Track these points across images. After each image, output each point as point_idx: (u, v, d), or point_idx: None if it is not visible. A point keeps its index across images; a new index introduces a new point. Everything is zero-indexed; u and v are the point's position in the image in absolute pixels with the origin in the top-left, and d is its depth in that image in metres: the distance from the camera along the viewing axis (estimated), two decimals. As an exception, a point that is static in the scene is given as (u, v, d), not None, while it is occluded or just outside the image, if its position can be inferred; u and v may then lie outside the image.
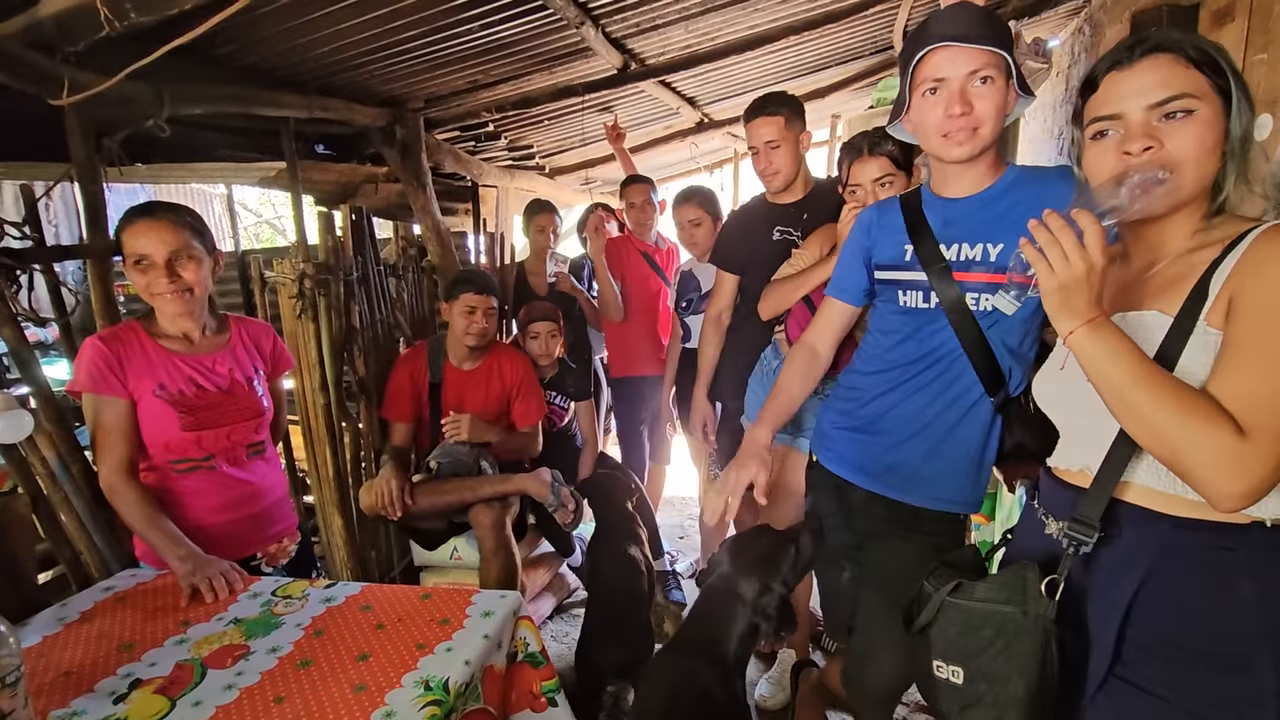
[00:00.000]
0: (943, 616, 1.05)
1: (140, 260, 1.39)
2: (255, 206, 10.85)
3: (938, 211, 1.28)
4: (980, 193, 1.24)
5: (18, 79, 1.35)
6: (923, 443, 1.33)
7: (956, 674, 1.01)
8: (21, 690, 0.92)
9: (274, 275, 2.26)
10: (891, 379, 1.35)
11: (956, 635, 1.02)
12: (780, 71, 3.72)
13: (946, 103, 1.14)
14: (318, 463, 2.39)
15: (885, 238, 1.35)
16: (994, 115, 1.14)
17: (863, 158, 1.66)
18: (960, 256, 1.24)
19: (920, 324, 1.30)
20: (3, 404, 1.29)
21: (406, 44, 2.23)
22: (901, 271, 1.31)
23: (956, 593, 1.04)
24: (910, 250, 1.29)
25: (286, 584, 1.42)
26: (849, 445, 1.44)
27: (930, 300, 1.27)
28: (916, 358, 1.31)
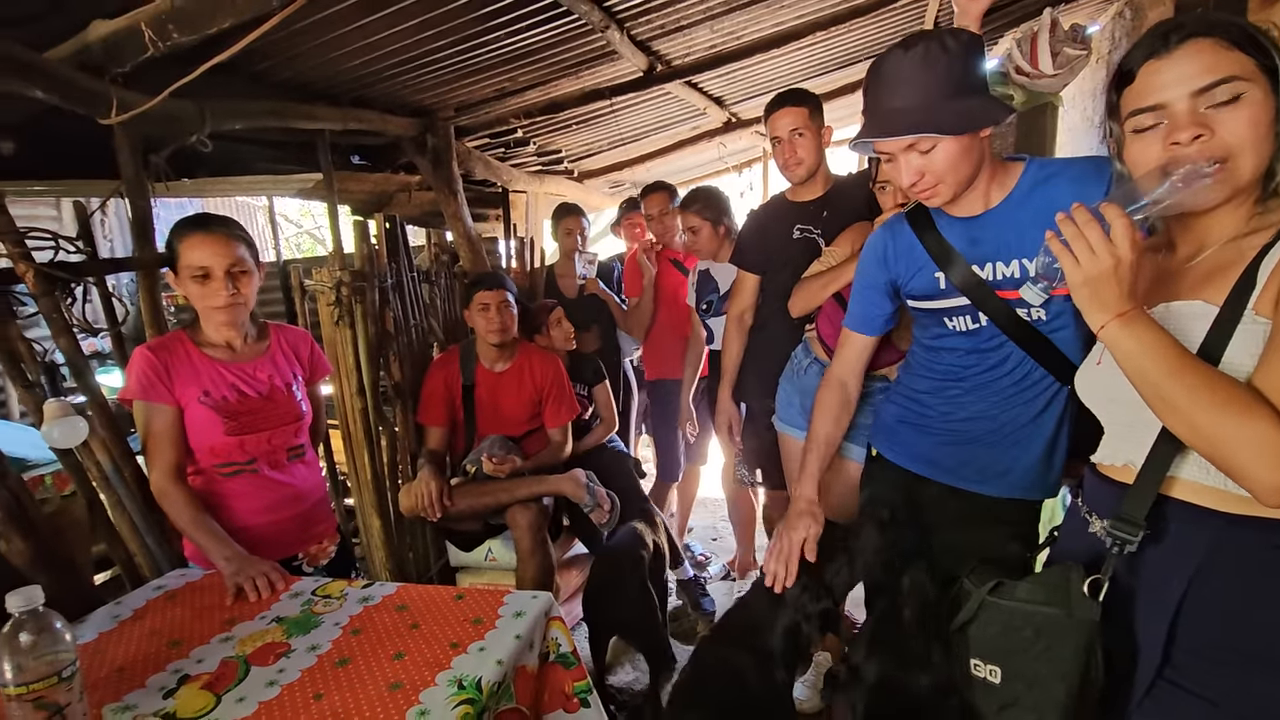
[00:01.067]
0: (982, 615, 1.03)
1: (201, 273, 1.44)
2: (296, 218, 11.17)
3: (958, 232, 1.25)
4: (999, 204, 1.21)
5: (70, 100, 1.42)
6: (1000, 438, 1.31)
7: (994, 674, 0.99)
8: (77, 684, 0.96)
9: (312, 284, 2.32)
10: (962, 389, 1.33)
11: (996, 635, 1.00)
12: (808, 68, 3.69)
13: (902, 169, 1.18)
14: (357, 466, 2.45)
15: (909, 267, 1.32)
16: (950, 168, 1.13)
17: None
18: (996, 275, 1.22)
19: (978, 342, 1.29)
20: (59, 411, 1.35)
21: (436, 54, 2.28)
22: (941, 300, 1.29)
23: (997, 592, 1.02)
24: (943, 277, 1.26)
25: (326, 584, 1.45)
26: (918, 439, 1.41)
27: (980, 319, 1.25)
28: (983, 370, 1.30)
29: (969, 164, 1.14)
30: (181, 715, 1.05)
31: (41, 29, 1.46)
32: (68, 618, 1.35)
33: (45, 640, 0.93)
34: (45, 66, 1.36)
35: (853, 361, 1.47)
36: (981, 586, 1.04)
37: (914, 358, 1.45)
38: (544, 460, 2.45)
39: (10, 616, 0.93)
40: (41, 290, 1.37)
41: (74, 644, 0.96)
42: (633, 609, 2.09)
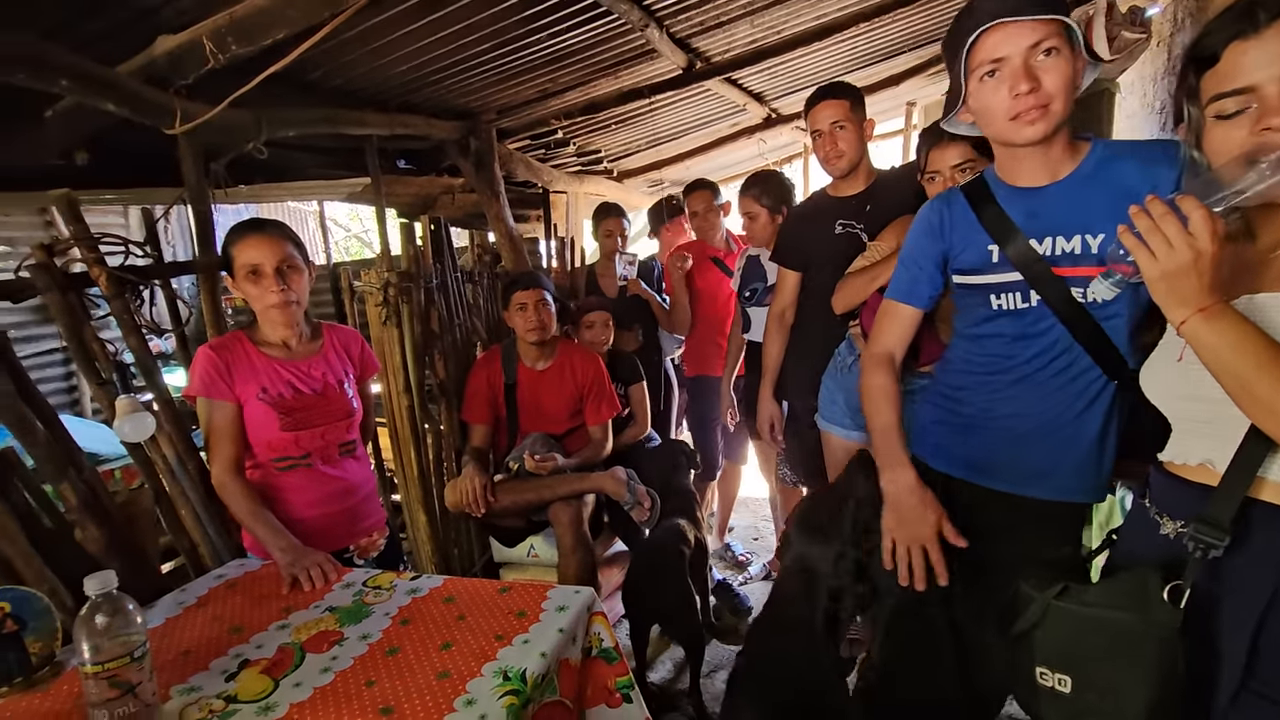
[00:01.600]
0: (1048, 621, 0.99)
1: (253, 270, 1.50)
2: (345, 221, 11.52)
3: (1018, 203, 1.18)
4: (1065, 178, 1.15)
5: (139, 112, 1.50)
6: (1044, 437, 1.24)
7: (1063, 682, 0.95)
8: (147, 665, 1.01)
9: (361, 285, 2.40)
10: (1004, 381, 1.27)
11: (1064, 641, 0.96)
12: (851, 60, 3.63)
13: (1010, 82, 1.06)
14: (403, 462, 2.51)
15: (963, 238, 1.25)
16: (1064, 89, 1.05)
17: (942, 143, 1.58)
18: (1056, 250, 1.15)
19: (1025, 325, 1.22)
20: (130, 407, 1.43)
21: (479, 57, 2.32)
22: (990, 274, 1.22)
23: (1063, 596, 0.98)
24: (996, 251, 1.20)
25: (376, 575, 1.49)
26: (957, 442, 1.35)
27: (1030, 299, 1.19)
28: (1029, 358, 1.23)
29: (1072, 95, 1.06)
30: (242, 698, 1.09)
31: (112, 46, 1.54)
32: (138, 603, 1.43)
33: (119, 622, 0.98)
34: (116, 81, 1.44)
35: (899, 336, 1.36)
36: (1044, 592, 1.01)
37: (953, 352, 1.39)
38: (585, 458, 2.47)
39: (87, 600, 0.98)
40: (113, 292, 1.45)
41: (144, 627, 1.01)
42: (672, 599, 2.10)
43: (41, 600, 1.19)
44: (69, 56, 1.36)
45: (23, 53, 1.28)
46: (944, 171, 1.59)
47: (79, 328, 1.40)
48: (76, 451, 1.40)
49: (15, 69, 1.29)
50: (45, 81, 1.34)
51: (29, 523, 1.32)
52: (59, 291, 1.37)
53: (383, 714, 1.02)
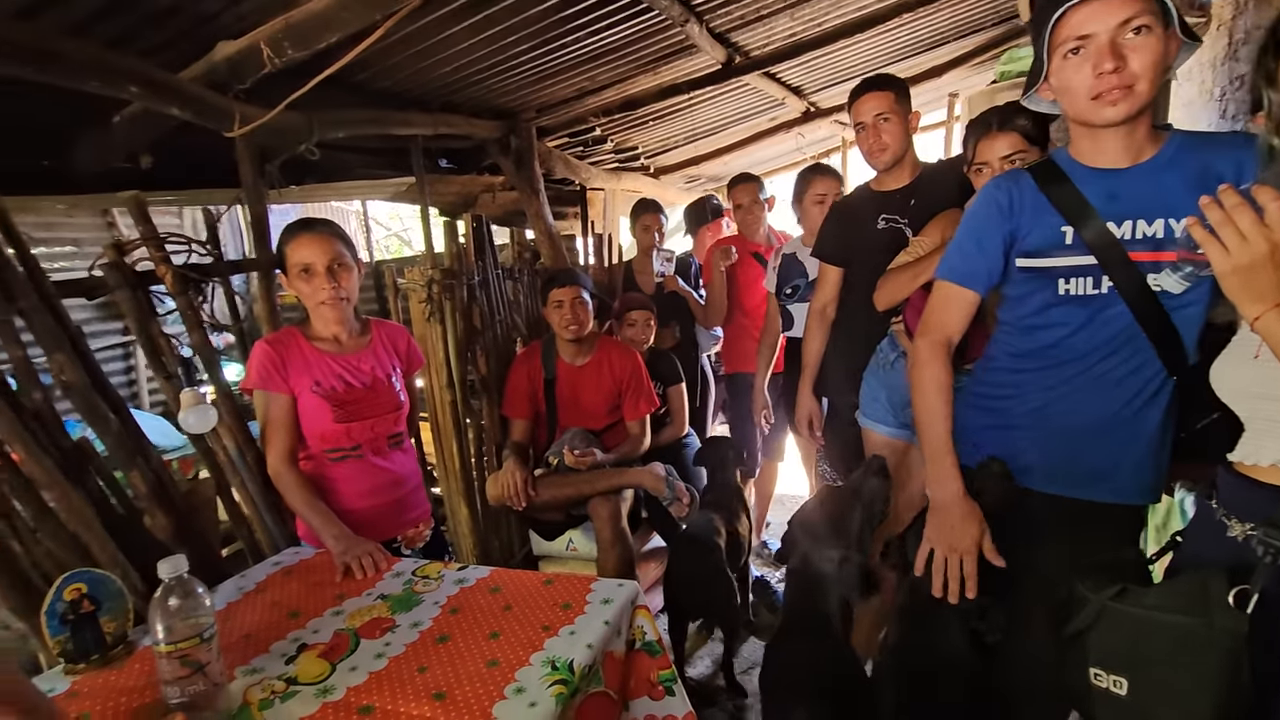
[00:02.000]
0: (1103, 623, 0.97)
1: (305, 269, 1.55)
2: (384, 220, 11.76)
3: (1096, 185, 1.13)
4: (1148, 160, 1.11)
5: (201, 116, 1.56)
6: (1101, 436, 1.20)
7: (1119, 684, 0.93)
8: (215, 645, 1.05)
9: (405, 282, 2.45)
10: (1060, 375, 1.22)
11: (1121, 644, 0.94)
12: (892, 51, 3.56)
13: (1094, 60, 1.02)
14: (444, 456, 2.56)
15: (1031, 219, 1.20)
16: (1151, 69, 1.01)
17: (990, 134, 1.54)
18: (1136, 234, 1.10)
19: (1092, 313, 1.16)
20: (194, 399, 1.49)
21: (520, 57, 2.35)
22: (1060, 257, 1.17)
23: (1121, 598, 0.96)
24: (1071, 232, 1.15)
25: (424, 565, 1.53)
26: (1005, 444, 1.29)
27: (1102, 285, 1.14)
28: (1089, 349, 1.18)
29: (1160, 75, 1.02)
30: (302, 680, 1.13)
31: (174, 53, 1.61)
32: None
33: (189, 604, 1.03)
34: (181, 87, 1.50)
35: (958, 322, 1.27)
36: (1101, 593, 0.99)
37: (997, 348, 1.33)
38: (624, 453, 2.48)
39: (158, 583, 1.03)
40: (178, 290, 1.51)
41: (212, 609, 1.06)
42: (709, 587, 2.13)
43: (115, 582, 1.26)
44: (137, 64, 1.43)
45: (95, 61, 1.35)
46: (993, 163, 1.55)
47: (147, 323, 1.47)
48: (145, 441, 1.47)
49: (88, 77, 1.35)
50: (115, 88, 1.41)
51: (102, 509, 1.39)
52: (129, 289, 1.43)
53: (436, 699, 1.05)
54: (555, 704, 1.03)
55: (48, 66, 1.29)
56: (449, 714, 1.01)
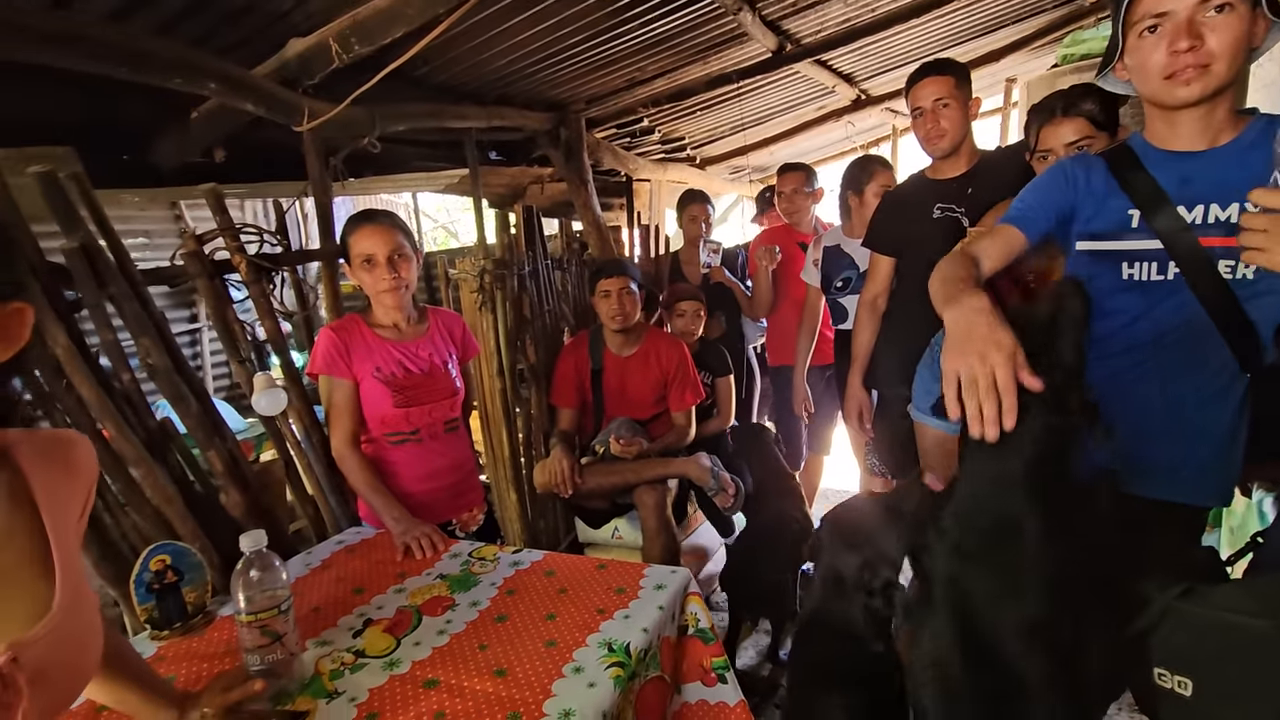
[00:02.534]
0: (1168, 622, 0.94)
1: (368, 259, 1.60)
2: (432, 212, 11.99)
3: (1170, 168, 1.10)
4: (1227, 144, 1.07)
5: (273, 111, 1.62)
6: (1166, 431, 1.16)
7: (1184, 685, 0.91)
8: (291, 617, 1.11)
9: (457, 272, 2.50)
10: (1121, 364, 1.19)
11: (1186, 644, 0.92)
12: (948, 36, 3.46)
13: (1171, 38, 0.99)
14: (493, 443, 2.62)
15: (1097, 202, 1.17)
16: (1231, 49, 0.97)
17: (1055, 119, 1.48)
18: (1209, 219, 1.07)
19: (1155, 300, 1.14)
20: (266, 382, 1.56)
21: (571, 48, 2.37)
22: (1125, 241, 1.14)
23: (1188, 598, 0.93)
24: (1138, 216, 1.12)
25: (480, 547, 1.58)
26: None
27: (1168, 271, 1.11)
28: (1152, 339, 1.15)
29: (1240, 56, 0.99)
30: (369, 653, 1.18)
31: (248, 51, 1.67)
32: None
33: (269, 577, 1.08)
34: (255, 83, 1.57)
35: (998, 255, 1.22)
36: (1166, 592, 0.96)
37: None
38: (670, 443, 2.49)
39: (240, 556, 1.09)
40: (251, 278, 1.58)
41: (289, 582, 1.11)
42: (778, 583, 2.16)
43: (196, 555, 1.33)
44: (217, 62, 1.49)
45: (180, 59, 1.42)
46: (1057, 150, 1.49)
47: (223, 309, 1.54)
48: (221, 423, 1.55)
49: (173, 74, 1.43)
50: (197, 85, 1.48)
51: (182, 486, 1.47)
52: (207, 277, 1.51)
53: (497, 675, 1.08)
54: (614, 685, 1.05)
55: (140, 66, 1.36)
56: (510, 690, 1.04)
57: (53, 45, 1.25)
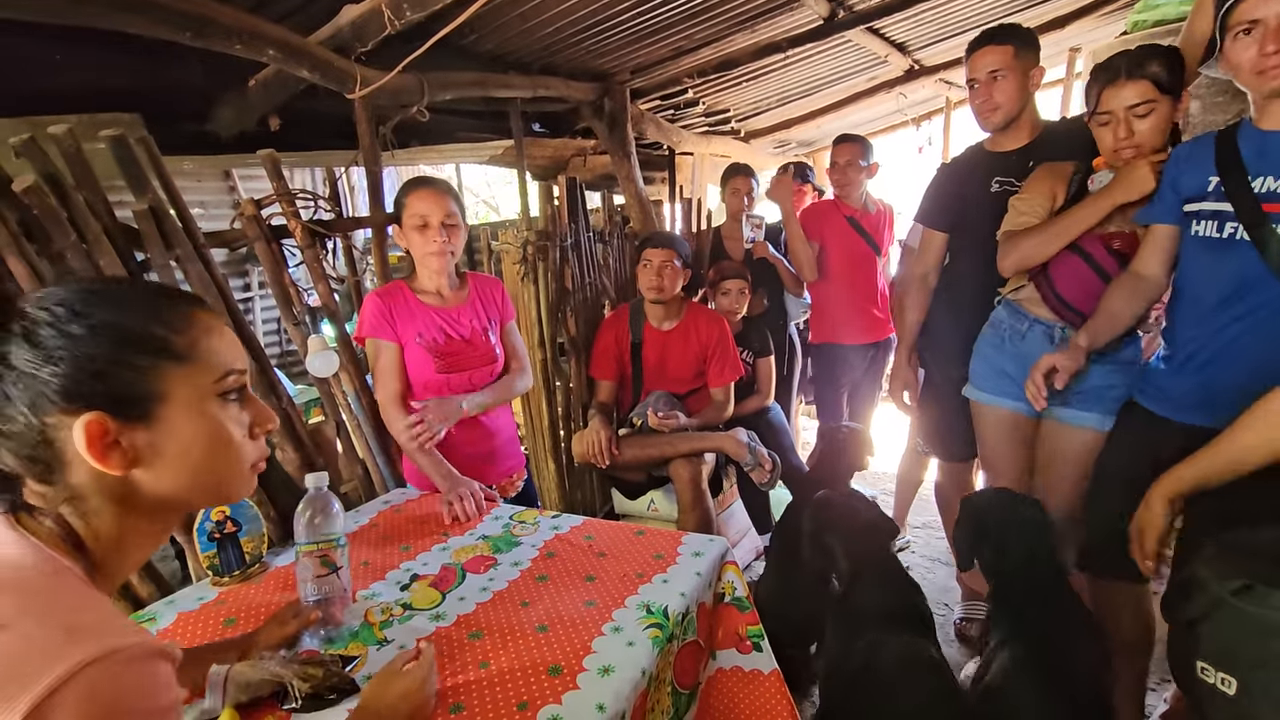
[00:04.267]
0: (1218, 615, 0.92)
1: (423, 221, 1.63)
2: (474, 186, 12.09)
3: (1254, 143, 1.25)
4: None
5: (328, 78, 1.65)
6: (1241, 366, 1.27)
7: (1227, 683, 0.89)
8: (346, 554, 1.16)
9: (499, 244, 2.53)
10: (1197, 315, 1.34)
11: (1234, 641, 0.89)
12: (1007, 2, 3.30)
13: (1260, 43, 1.16)
14: (533, 414, 2.66)
15: (1192, 168, 1.33)
16: None
17: (1119, 81, 1.44)
18: (1265, 188, 1.21)
19: (1217, 257, 1.29)
20: (320, 345, 1.61)
21: (618, 15, 2.34)
22: (1200, 202, 1.31)
23: (1245, 596, 0.90)
24: (1215, 181, 1.28)
25: (521, 511, 1.61)
26: (1179, 381, 1.40)
27: (1224, 230, 1.27)
28: (1218, 293, 1.30)
29: None
30: (417, 606, 1.23)
31: (304, 17, 1.70)
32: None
33: (329, 511, 1.15)
34: (311, 50, 1.59)
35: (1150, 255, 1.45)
36: (1223, 584, 0.92)
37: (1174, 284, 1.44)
38: (707, 418, 2.49)
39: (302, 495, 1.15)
40: (306, 244, 1.63)
41: (342, 520, 1.17)
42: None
43: (253, 508, 1.40)
44: (275, 28, 1.52)
45: (242, 25, 1.46)
46: (1118, 113, 1.45)
47: (280, 273, 1.59)
48: (278, 383, 1.61)
49: (235, 41, 1.46)
50: (256, 52, 1.52)
51: (240, 441, 1.53)
52: (265, 241, 1.56)
53: (539, 630, 1.11)
54: (653, 645, 1.07)
55: (203, 31, 1.40)
56: (552, 645, 1.07)
57: (128, 10, 1.29)
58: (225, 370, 0.65)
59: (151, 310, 0.63)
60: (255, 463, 0.70)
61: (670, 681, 1.14)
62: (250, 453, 0.69)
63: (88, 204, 1.31)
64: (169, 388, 0.61)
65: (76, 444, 0.57)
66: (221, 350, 0.66)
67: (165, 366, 0.61)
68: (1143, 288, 1.48)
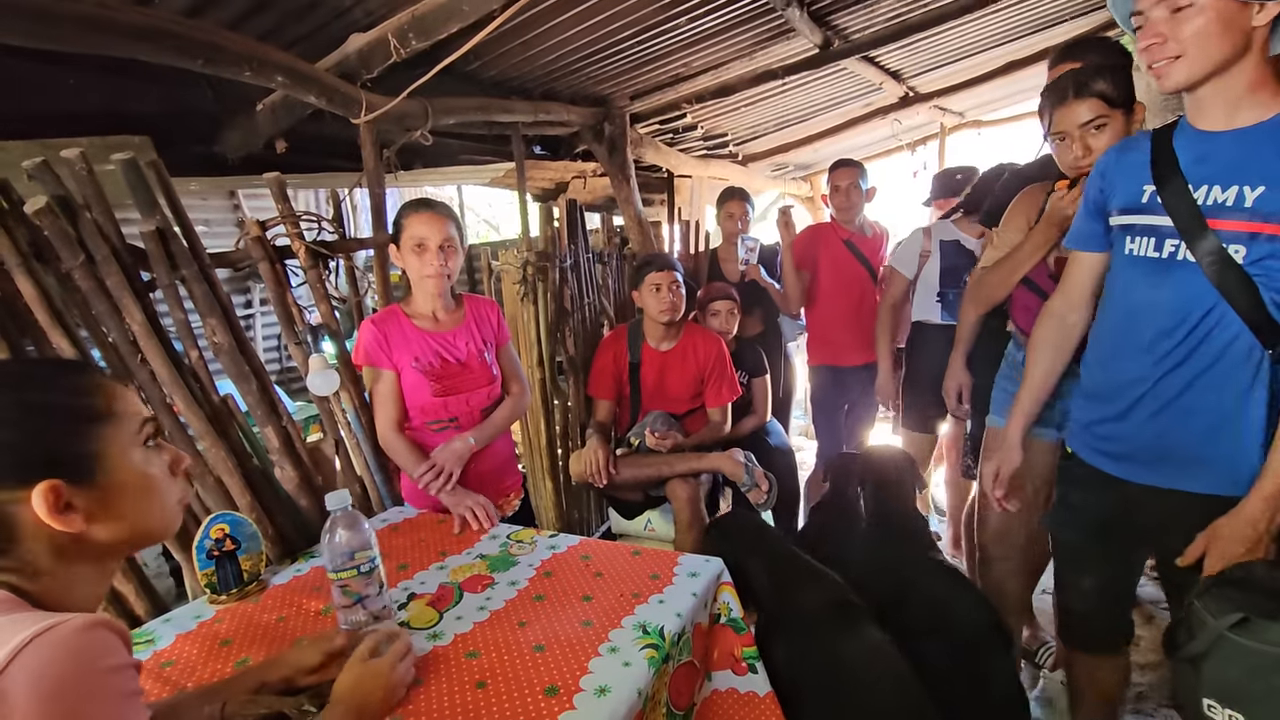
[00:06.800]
0: (1219, 652, 0.92)
1: (420, 244, 1.65)
2: (476, 206, 12.20)
3: (1191, 146, 1.12)
4: (1251, 125, 1.06)
5: (334, 104, 1.69)
6: (1196, 420, 1.14)
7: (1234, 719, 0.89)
8: (376, 578, 1.14)
9: (500, 264, 2.56)
10: (1134, 350, 1.19)
11: (1239, 678, 0.89)
12: (1003, 32, 3.38)
13: (1143, 36, 1.07)
14: (531, 433, 2.67)
15: (1122, 178, 1.20)
16: (1196, 39, 1.02)
17: (1068, 101, 1.44)
18: (1209, 200, 1.08)
19: (1156, 278, 1.14)
20: (322, 363, 1.63)
21: (618, 44, 2.40)
22: (1135, 215, 1.17)
23: (1242, 629, 0.90)
24: (1150, 190, 1.14)
25: (518, 530, 1.62)
26: (1106, 433, 1.28)
27: (1163, 249, 1.13)
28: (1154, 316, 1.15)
29: (1225, 44, 1.02)
30: (414, 625, 1.23)
31: (311, 45, 1.75)
32: (318, 539, 1.62)
33: (351, 536, 1.13)
34: (319, 76, 1.63)
35: (1073, 289, 1.35)
36: (1220, 618, 0.93)
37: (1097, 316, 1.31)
38: (704, 438, 2.51)
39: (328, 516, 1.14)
40: (309, 264, 1.65)
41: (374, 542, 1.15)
42: None
43: (252, 526, 1.40)
44: (284, 56, 1.57)
45: (251, 53, 1.50)
46: (1071, 132, 1.45)
47: (283, 293, 1.62)
48: (278, 401, 1.62)
49: (244, 67, 1.50)
50: (265, 78, 1.56)
51: (240, 460, 1.54)
52: (269, 261, 1.58)
53: (536, 650, 1.12)
54: (648, 666, 1.07)
55: (215, 58, 1.44)
56: (549, 665, 1.07)
57: (141, 40, 1.33)
58: (142, 420, 0.74)
59: (69, 382, 0.71)
60: (181, 499, 0.79)
61: (665, 703, 1.14)
62: (176, 490, 0.78)
63: (97, 225, 1.34)
64: (103, 446, 0.70)
65: (38, 511, 0.64)
66: (131, 404, 0.74)
67: (96, 428, 0.70)
68: (1072, 334, 1.37)
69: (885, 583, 1.63)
